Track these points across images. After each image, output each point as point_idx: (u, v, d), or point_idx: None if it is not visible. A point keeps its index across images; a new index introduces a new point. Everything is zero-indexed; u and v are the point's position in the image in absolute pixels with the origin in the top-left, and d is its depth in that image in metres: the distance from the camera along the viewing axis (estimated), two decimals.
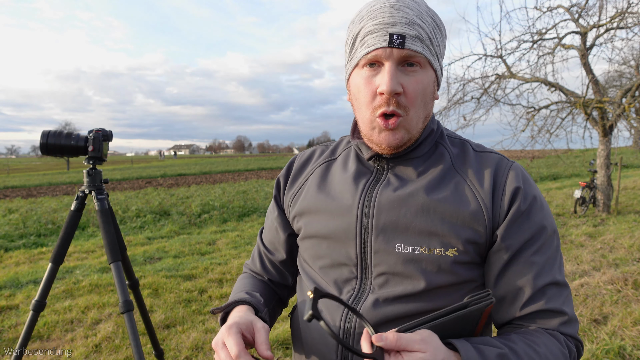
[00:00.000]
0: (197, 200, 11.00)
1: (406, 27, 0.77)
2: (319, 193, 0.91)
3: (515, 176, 0.82)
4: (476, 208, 0.80)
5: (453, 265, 0.79)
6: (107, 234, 2.06)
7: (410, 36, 0.77)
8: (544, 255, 0.80)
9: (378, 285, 0.82)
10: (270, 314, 0.99)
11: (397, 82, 0.77)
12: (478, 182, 0.83)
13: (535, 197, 0.82)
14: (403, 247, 0.80)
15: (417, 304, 0.80)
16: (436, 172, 0.85)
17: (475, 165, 0.85)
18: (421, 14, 0.79)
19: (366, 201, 0.84)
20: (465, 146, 0.89)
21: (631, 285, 4.12)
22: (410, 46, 0.77)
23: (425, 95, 0.81)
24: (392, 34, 0.77)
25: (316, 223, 0.90)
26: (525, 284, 0.79)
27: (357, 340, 0.80)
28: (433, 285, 0.79)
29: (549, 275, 0.79)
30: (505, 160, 0.86)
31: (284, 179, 1.01)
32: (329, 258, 0.87)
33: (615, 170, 10.15)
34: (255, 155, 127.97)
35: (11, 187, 21.62)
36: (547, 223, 0.81)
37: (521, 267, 0.79)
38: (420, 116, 0.82)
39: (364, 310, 0.81)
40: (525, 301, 0.79)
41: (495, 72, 8.68)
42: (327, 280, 0.88)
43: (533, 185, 0.84)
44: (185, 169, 34.14)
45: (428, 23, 0.80)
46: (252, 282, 1.03)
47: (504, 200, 0.80)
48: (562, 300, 0.80)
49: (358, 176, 0.89)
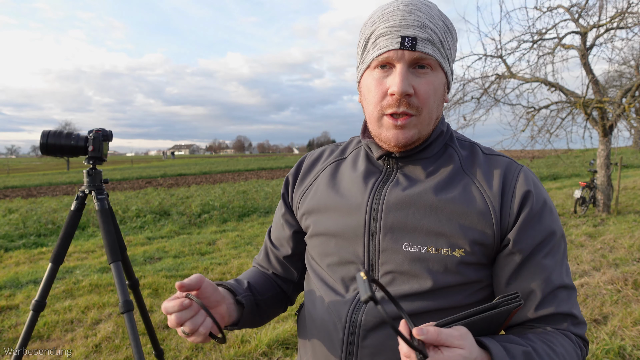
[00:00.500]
0: (197, 200, 11.00)
1: (418, 30, 0.78)
2: (328, 191, 0.93)
3: (525, 179, 0.83)
4: (484, 210, 0.81)
5: (460, 265, 0.80)
6: (107, 234, 2.06)
7: (421, 39, 0.78)
8: (553, 258, 0.81)
9: (385, 283, 0.83)
10: (261, 302, 1.00)
11: (409, 84, 0.79)
12: (487, 184, 0.83)
13: (545, 201, 0.83)
14: (410, 246, 0.81)
15: (422, 303, 0.81)
16: (445, 173, 0.85)
17: (484, 168, 0.85)
18: (433, 17, 0.81)
19: (375, 200, 0.85)
20: (475, 149, 0.90)
21: (631, 285, 4.12)
22: (422, 48, 0.78)
23: (436, 96, 0.82)
24: (404, 37, 0.78)
25: (325, 221, 0.91)
26: (537, 288, 0.80)
27: (363, 336, 0.82)
28: (440, 285, 0.80)
29: (559, 279, 0.81)
30: (514, 164, 0.86)
31: (293, 177, 1.03)
32: (337, 256, 0.88)
33: (615, 170, 10.14)
34: (255, 155, 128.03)
35: (11, 187, 21.62)
36: (556, 227, 0.82)
37: (533, 271, 0.80)
38: (432, 117, 0.84)
39: (369, 308, 0.82)
40: (538, 304, 0.80)
41: (495, 72, 8.68)
42: (335, 277, 0.89)
43: (542, 190, 0.85)
44: (185, 169, 34.14)
45: (440, 26, 0.81)
46: (251, 272, 1.07)
47: (514, 203, 0.81)
48: (572, 304, 0.81)
49: (367, 175, 0.90)
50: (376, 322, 0.82)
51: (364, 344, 0.82)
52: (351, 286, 0.86)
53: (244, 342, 3.20)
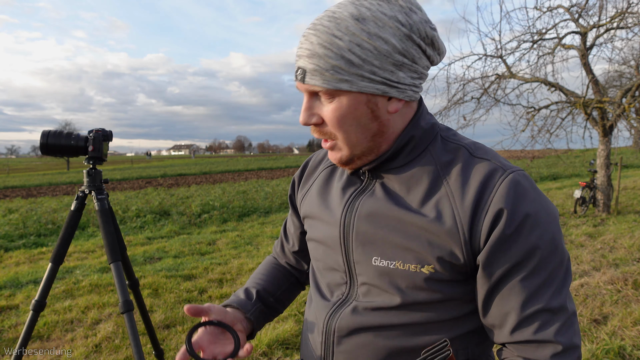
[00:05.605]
0: (197, 200, 11.00)
1: (306, 61, 0.74)
2: (318, 199, 0.94)
3: (505, 192, 0.72)
4: (452, 228, 0.74)
5: (429, 282, 0.76)
6: (107, 234, 2.06)
7: (309, 70, 0.73)
8: (536, 279, 0.72)
9: (362, 293, 0.83)
10: (274, 300, 1.05)
11: (310, 115, 0.78)
12: (460, 196, 0.75)
13: (527, 215, 0.71)
14: (379, 260, 0.79)
15: (393, 318, 0.79)
16: (421, 183, 0.79)
17: (463, 176, 0.76)
18: (332, 36, 0.71)
19: (349, 212, 0.84)
20: (459, 152, 0.80)
21: (631, 285, 4.12)
22: (309, 81, 0.74)
23: (351, 120, 0.75)
24: (298, 68, 0.76)
25: (315, 228, 0.93)
26: (511, 311, 0.73)
27: (337, 342, 0.84)
28: (409, 301, 0.78)
29: (541, 301, 0.72)
30: (499, 171, 0.75)
31: (298, 178, 1.04)
32: (324, 262, 0.91)
33: (615, 170, 10.14)
34: (255, 155, 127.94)
35: (11, 187, 21.62)
36: (542, 242, 0.71)
37: (507, 293, 0.73)
38: (358, 139, 0.77)
39: (344, 316, 0.83)
40: (512, 329, 0.73)
41: (495, 72, 8.67)
42: (323, 281, 0.92)
43: (528, 200, 0.72)
44: (185, 169, 34.14)
45: (343, 45, 0.71)
46: (265, 268, 1.12)
47: (485, 221, 0.72)
48: (556, 329, 0.71)
49: (348, 185, 0.89)
50: (350, 330, 0.82)
51: (338, 349, 0.84)
52: (335, 292, 0.87)
53: None
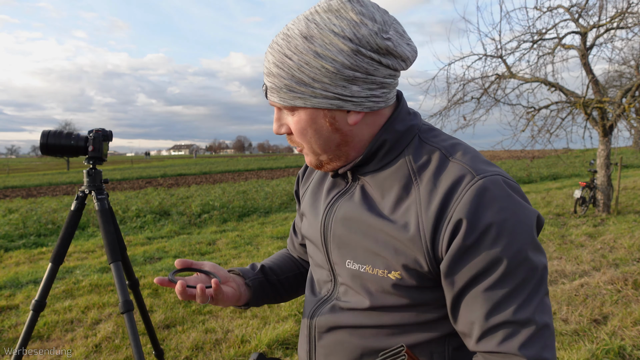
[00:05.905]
0: (197, 200, 11.00)
1: (266, 78, 0.79)
2: (310, 198, 0.97)
3: (468, 202, 0.70)
4: (415, 236, 0.74)
5: (396, 287, 0.77)
6: (107, 234, 2.06)
7: (269, 88, 0.79)
8: (499, 289, 0.69)
9: (342, 293, 0.86)
10: (277, 282, 1.08)
11: (280, 125, 0.82)
12: (427, 203, 0.74)
13: (490, 225, 0.68)
14: (352, 263, 0.82)
15: (365, 319, 0.81)
16: (393, 188, 0.79)
17: (432, 183, 0.75)
18: (283, 55, 0.74)
19: (328, 214, 0.87)
20: (433, 156, 0.78)
21: (631, 285, 4.12)
22: (270, 98, 0.79)
23: (312, 132, 0.78)
24: (263, 84, 0.81)
25: (306, 226, 0.97)
26: (475, 321, 0.72)
27: (318, 337, 0.87)
28: (378, 304, 0.80)
29: (505, 313, 0.69)
30: (467, 178, 0.72)
31: (302, 174, 1.07)
32: (313, 259, 0.95)
33: (615, 170, 10.14)
34: (255, 155, 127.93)
35: (11, 187, 21.62)
36: (508, 253, 0.69)
37: (471, 303, 0.72)
38: (322, 147, 0.80)
39: (323, 313, 0.87)
40: (477, 339, 0.72)
41: (495, 72, 8.67)
42: (315, 277, 0.95)
43: (494, 209, 0.69)
44: (185, 169, 34.14)
45: (292, 63, 0.73)
46: (277, 255, 1.16)
47: (446, 231, 0.71)
48: (521, 342, 0.68)
49: (333, 187, 0.91)
50: (328, 327, 0.85)
51: (320, 344, 0.88)
52: (323, 288, 0.91)
53: (244, 342, 3.20)
